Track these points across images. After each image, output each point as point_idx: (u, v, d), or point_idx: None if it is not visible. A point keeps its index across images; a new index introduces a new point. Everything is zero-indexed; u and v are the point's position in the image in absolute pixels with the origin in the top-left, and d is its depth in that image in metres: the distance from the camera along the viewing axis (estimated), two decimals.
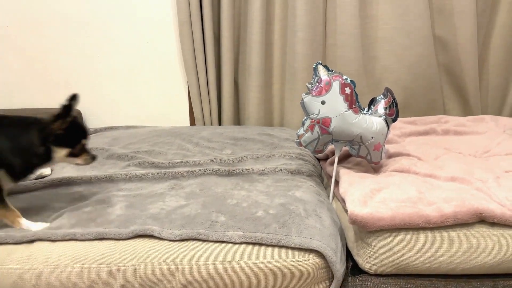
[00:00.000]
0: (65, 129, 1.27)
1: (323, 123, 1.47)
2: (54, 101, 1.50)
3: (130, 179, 1.64)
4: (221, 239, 1.25)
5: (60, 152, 1.30)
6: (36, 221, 1.36)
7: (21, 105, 2.34)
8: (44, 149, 1.27)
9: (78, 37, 2.30)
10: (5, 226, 1.35)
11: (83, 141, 1.35)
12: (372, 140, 1.50)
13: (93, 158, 1.39)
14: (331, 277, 1.25)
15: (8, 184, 1.30)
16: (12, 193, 1.50)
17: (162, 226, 1.30)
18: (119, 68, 2.36)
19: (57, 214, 1.41)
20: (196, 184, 1.60)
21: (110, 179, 1.64)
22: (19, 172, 1.29)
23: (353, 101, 1.48)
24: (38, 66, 2.33)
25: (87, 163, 1.38)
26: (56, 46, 2.30)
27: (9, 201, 1.32)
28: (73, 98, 1.28)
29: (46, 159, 1.29)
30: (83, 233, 1.29)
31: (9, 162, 1.25)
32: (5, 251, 1.26)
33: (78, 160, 1.36)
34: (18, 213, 1.32)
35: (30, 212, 1.42)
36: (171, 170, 1.68)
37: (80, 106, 2.33)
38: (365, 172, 1.61)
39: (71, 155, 1.33)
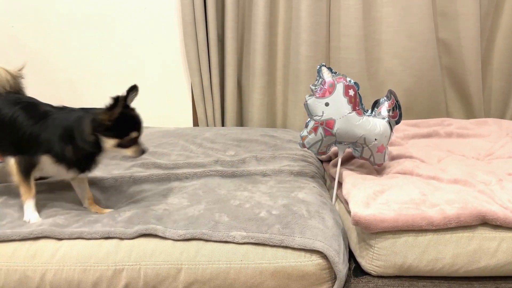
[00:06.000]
0: (114, 120, 1.28)
1: (327, 125, 1.47)
2: (58, 101, 1.51)
3: (134, 181, 1.65)
4: (224, 239, 1.26)
5: (108, 142, 1.31)
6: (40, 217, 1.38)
7: None
8: (94, 138, 1.29)
9: (82, 38, 2.31)
10: (11, 222, 1.36)
11: (133, 134, 1.34)
12: (376, 142, 1.50)
13: (143, 151, 1.37)
14: (333, 278, 1.25)
15: (54, 170, 1.34)
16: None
17: (165, 226, 1.31)
18: (123, 68, 2.36)
19: (63, 211, 1.42)
20: (199, 185, 1.61)
21: (114, 180, 1.65)
22: (71, 159, 1.32)
23: (356, 103, 1.49)
24: (43, 66, 2.34)
25: (136, 156, 1.36)
26: (60, 46, 2.31)
27: (34, 181, 1.36)
28: (131, 89, 1.31)
29: (96, 147, 1.32)
30: (90, 231, 1.29)
31: (56, 148, 1.30)
32: (10, 248, 1.27)
33: (128, 152, 1.35)
34: (34, 193, 1.36)
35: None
36: (174, 171, 1.69)
37: (83, 106, 2.33)
38: (368, 174, 1.61)
39: (120, 146, 1.33)
